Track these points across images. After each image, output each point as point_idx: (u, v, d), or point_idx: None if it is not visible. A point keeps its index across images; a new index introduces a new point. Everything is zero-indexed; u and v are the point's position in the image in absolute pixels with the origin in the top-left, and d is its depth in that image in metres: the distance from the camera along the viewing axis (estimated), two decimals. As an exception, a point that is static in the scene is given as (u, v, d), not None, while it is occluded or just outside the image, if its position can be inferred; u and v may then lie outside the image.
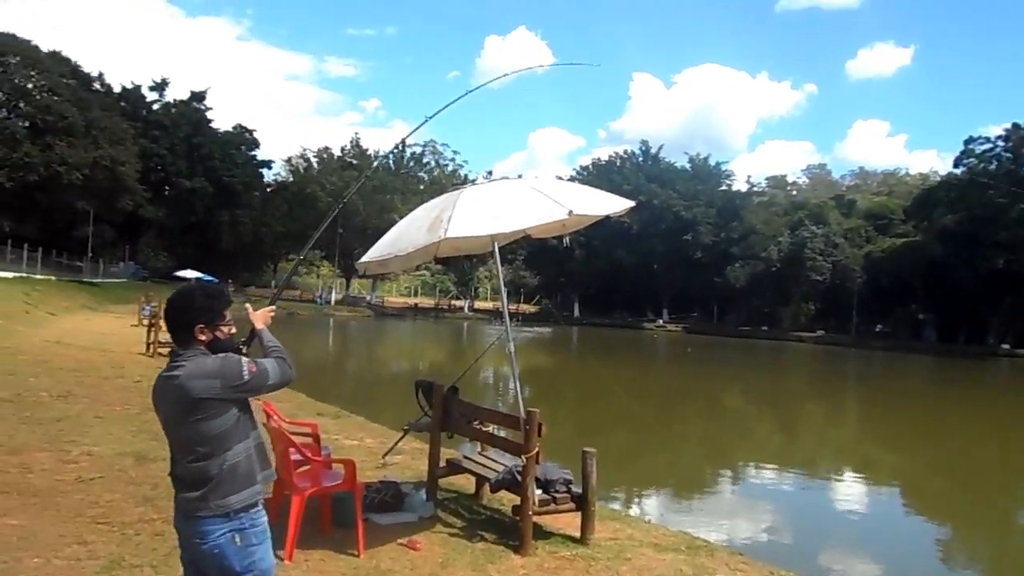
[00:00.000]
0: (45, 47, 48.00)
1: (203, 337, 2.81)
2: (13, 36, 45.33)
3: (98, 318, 30.45)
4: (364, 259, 5.67)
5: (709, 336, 62.99)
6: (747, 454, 14.82)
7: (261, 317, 3.14)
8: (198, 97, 69.96)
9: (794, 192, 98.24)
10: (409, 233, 5.12)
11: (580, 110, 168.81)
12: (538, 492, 5.59)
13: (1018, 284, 55.27)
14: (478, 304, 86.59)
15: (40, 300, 29.73)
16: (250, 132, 73.93)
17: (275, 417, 6.05)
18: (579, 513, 5.73)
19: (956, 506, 11.49)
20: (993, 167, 59.49)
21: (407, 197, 68.54)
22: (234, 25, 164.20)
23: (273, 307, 3.24)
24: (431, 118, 5.14)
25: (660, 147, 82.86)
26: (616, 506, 7.25)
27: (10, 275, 34.32)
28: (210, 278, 52.49)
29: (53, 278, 40.72)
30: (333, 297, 71.22)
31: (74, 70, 51.23)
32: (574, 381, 27.38)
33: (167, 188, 66.17)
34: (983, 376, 40.94)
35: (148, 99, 68.31)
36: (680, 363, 40.08)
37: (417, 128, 5.79)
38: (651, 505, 9.61)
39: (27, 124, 43.21)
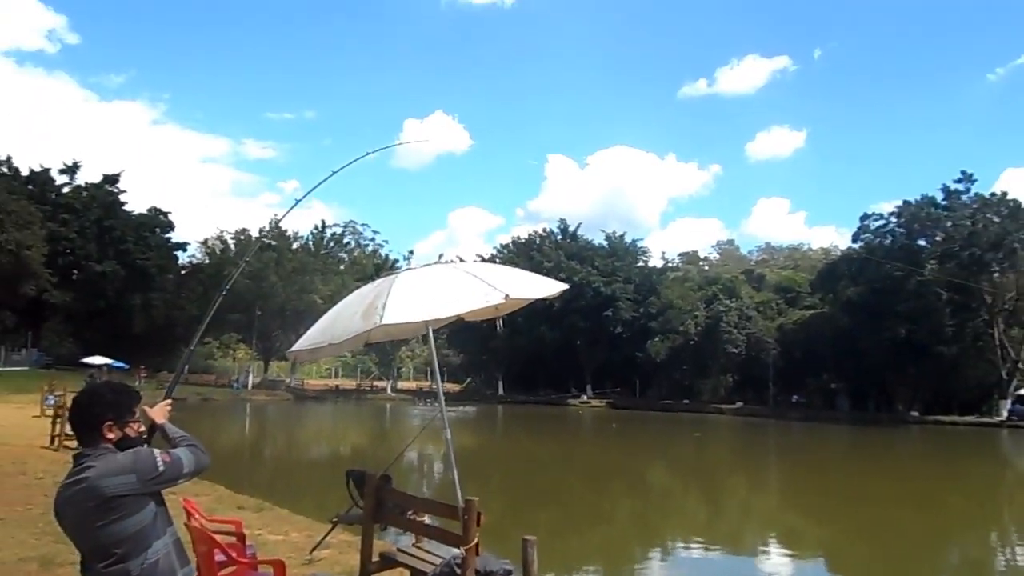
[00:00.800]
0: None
1: (111, 435, 2.71)
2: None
3: (2, 410, 28.66)
4: (295, 348, 5.54)
5: (632, 410, 63.49)
6: (676, 530, 14.87)
7: (160, 412, 3.03)
8: (111, 180, 68.31)
9: (706, 267, 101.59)
10: (342, 320, 5.05)
11: (498, 190, 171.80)
12: (477, 584, 5.43)
13: (920, 353, 57.97)
14: (401, 384, 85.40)
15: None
16: (164, 214, 72.36)
17: (196, 515, 5.76)
18: (520, 604, 5.58)
19: (881, 573, 11.70)
20: (888, 242, 63.05)
21: (327, 277, 67.85)
22: (150, 109, 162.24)
23: (170, 400, 3.13)
24: (308, 192, 5.21)
25: (578, 225, 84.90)
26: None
27: None
28: (120, 364, 50.29)
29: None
30: (251, 381, 68.95)
31: (-24, 154, 49.57)
32: (503, 461, 27.10)
33: (75, 272, 63.72)
34: (895, 443, 42.42)
35: (58, 182, 66.36)
36: (606, 439, 40.20)
37: (295, 205, 5.82)
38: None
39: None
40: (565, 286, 5.87)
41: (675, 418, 56.26)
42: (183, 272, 74.10)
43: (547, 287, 5.61)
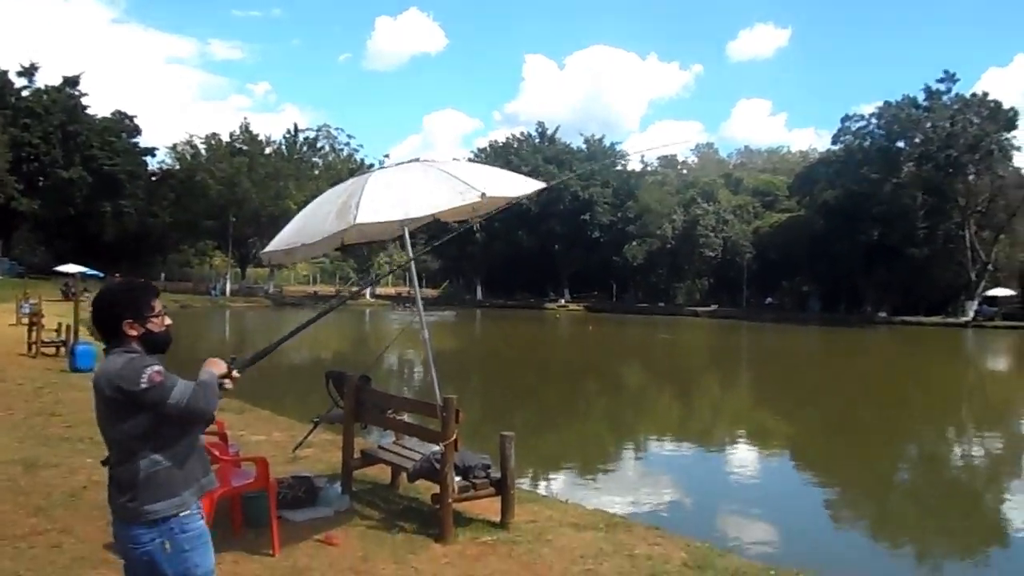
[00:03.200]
0: None
1: (133, 332, 2.69)
2: None
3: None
4: (269, 248, 5.46)
5: (609, 314, 64.34)
6: (650, 427, 15.26)
7: (212, 363, 2.82)
8: (71, 82, 65.69)
9: (684, 171, 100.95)
10: (316, 221, 4.96)
11: (475, 93, 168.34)
12: (457, 479, 5.57)
13: (891, 256, 58.80)
14: (380, 290, 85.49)
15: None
16: (130, 118, 70.18)
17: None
18: (499, 498, 5.74)
19: (844, 466, 12.15)
20: (867, 144, 62.81)
21: (301, 183, 66.64)
22: (109, 7, 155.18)
23: (235, 374, 2.86)
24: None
25: (557, 128, 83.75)
26: (530, 487, 7.29)
27: None
28: (94, 272, 49.71)
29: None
30: (228, 288, 68.63)
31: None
32: (481, 363, 27.52)
33: (41, 179, 62.11)
34: (863, 342, 43.45)
35: (17, 86, 63.78)
36: (582, 341, 40.81)
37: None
38: (564, 484, 9.75)
39: None
40: (542, 184, 5.81)
41: (650, 320, 57.09)
42: (153, 178, 72.36)
43: (524, 186, 5.53)
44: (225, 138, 71.49)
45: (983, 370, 31.93)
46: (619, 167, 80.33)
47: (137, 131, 71.05)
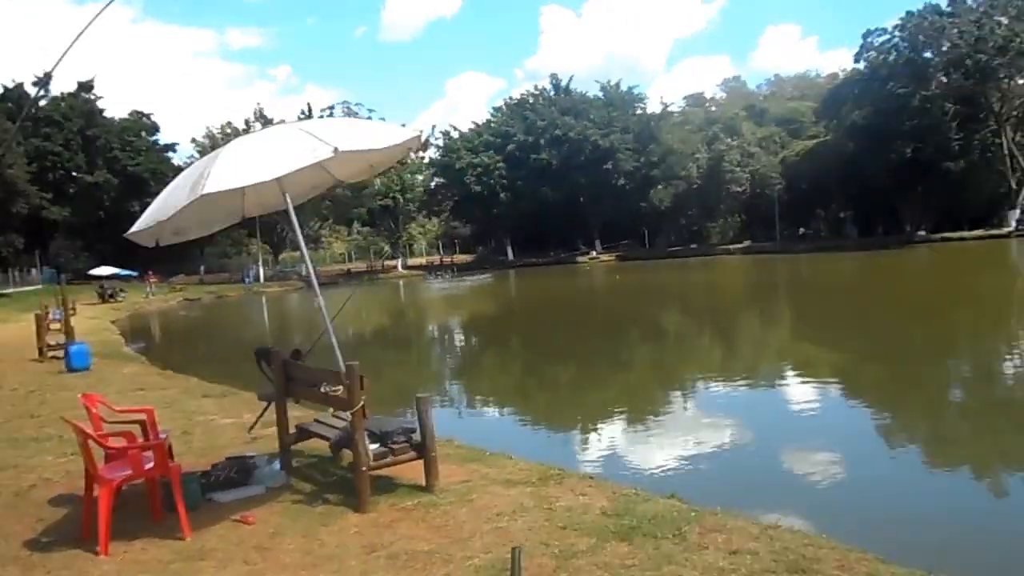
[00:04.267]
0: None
1: None
2: None
3: (5, 329, 29.12)
4: (132, 231, 5.31)
5: (641, 261, 63.70)
6: (691, 369, 14.82)
7: None
8: (86, 87, 66.50)
9: (713, 108, 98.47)
10: (173, 196, 4.79)
11: (495, 51, 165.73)
12: (375, 446, 5.43)
13: (927, 171, 56.96)
14: (412, 261, 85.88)
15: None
16: (147, 116, 70.97)
17: (93, 409, 5.74)
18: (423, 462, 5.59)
19: (892, 392, 11.67)
20: (892, 58, 60.52)
21: (321, 162, 66.82)
22: (128, 6, 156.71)
23: None
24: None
25: (570, 78, 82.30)
26: (483, 445, 7.11)
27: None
28: (128, 272, 50.71)
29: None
30: (262, 274, 69.50)
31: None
32: (514, 323, 27.54)
33: (69, 186, 63.31)
34: (903, 263, 42.35)
35: (33, 96, 64.79)
36: (610, 290, 40.49)
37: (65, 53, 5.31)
38: (560, 443, 9.60)
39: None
40: (414, 133, 5.51)
41: (681, 264, 56.39)
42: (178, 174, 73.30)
43: (389, 136, 5.25)
44: (240, 125, 71.80)
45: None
46: (639, 111, 78.90)
47: (155, 128, 71.80)
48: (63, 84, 68.29)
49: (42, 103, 64.56)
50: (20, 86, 63.29)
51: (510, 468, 6.19)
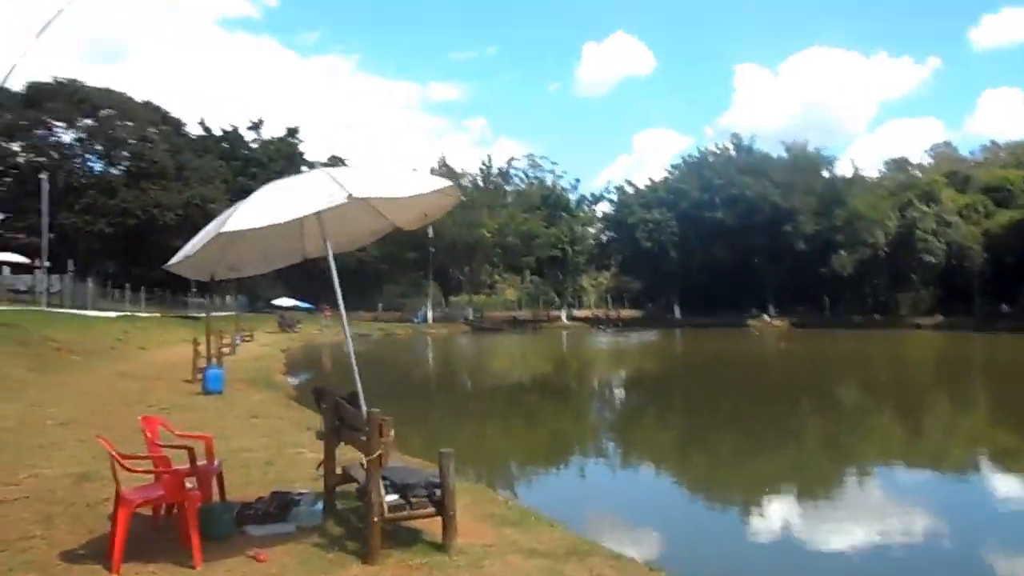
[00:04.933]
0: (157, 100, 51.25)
1: None
2: (108, 91, 48.73)
3: (182, 349, 31.86)
4: (170, 263, 5.56)
5: (818, 328, 59.91)
6: (868, 450, 13.50)
7: None
8: (292, 132, 73.11)
9: (917, 174, 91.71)
10: (204, 234, 4.98)
11: (686, 109, 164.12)
12: (393, 497, 5.30)
13: None
14: (579, 312, 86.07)
15: (137, 336, 31.22)
16: (341, 160, 76.50)
17: (151, 432, 6.04)
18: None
19: None
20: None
21: (493, 211, 68.98)
22: (345, 59, 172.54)
23: None
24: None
25: (752, 138, 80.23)
26: (531, 504, 6.76)
27: (114, 314, 36.41)
28: (305, 304, 54.46)
29: (159, 315, 43.10)
30: (431, 315, 72.14)
31: (164, 116, 54.59)
32: (672, 383, 26.68)
33: (268, 221, 69.27)
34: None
35: (247, 139, 71.98)
36: (773, 358, 38.31)
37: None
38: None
39: (123, 171, 46.18)
40: (447, 182, 5.41)
41: (861, 335, 52.48)
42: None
43: (417, 185, 5.17)
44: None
45: None
46: (826, 174, 75.37)
47: (347, 172, 77.28)
48: (274, 129, 75.53)
49: (254, 145, 71.58)
50: (236, 130, 70.56)
51: (544, 537, 5.84)
